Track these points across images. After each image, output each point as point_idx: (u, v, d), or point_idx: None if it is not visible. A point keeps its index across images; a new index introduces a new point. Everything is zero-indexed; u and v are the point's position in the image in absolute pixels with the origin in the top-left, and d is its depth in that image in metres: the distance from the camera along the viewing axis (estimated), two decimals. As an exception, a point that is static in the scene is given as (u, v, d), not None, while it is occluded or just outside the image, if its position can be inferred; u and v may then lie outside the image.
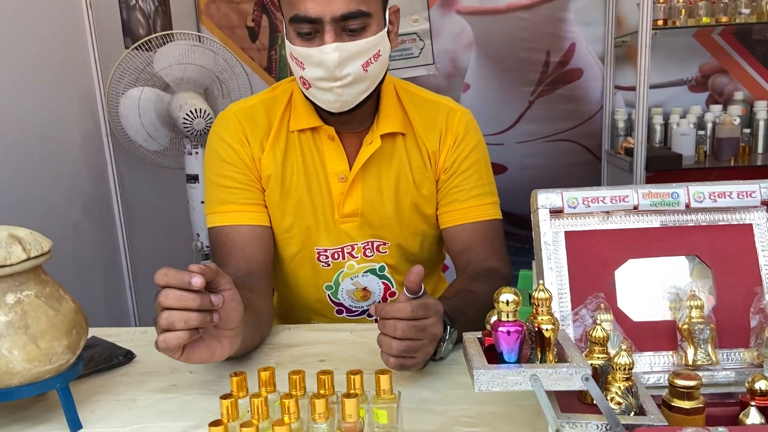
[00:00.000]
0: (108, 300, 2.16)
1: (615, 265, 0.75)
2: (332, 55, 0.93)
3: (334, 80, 0.95)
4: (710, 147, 2.66)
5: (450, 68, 2.93)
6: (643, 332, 0.73)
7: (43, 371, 0.71)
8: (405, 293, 0.76)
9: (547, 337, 0.61)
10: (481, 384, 0.57)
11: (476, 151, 1.11)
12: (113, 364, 0.90)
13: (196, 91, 2.15)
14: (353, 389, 0.64)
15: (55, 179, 1.89)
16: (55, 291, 0.74)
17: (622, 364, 0.59)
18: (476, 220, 1.09)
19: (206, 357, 0.73)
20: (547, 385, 0.57)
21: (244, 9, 2.96)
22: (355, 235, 1.10)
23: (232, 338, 0.76)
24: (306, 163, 1.08)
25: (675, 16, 2.49)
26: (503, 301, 0.59)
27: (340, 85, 0.96)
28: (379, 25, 0.97)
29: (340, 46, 0.93)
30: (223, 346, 0.75)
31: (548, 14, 2.82)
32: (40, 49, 1.84)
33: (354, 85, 0.97)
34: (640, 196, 0.74)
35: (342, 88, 0.96)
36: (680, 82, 2.86)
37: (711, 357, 0.70)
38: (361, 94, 0.99)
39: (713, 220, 0.76)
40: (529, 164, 2.99)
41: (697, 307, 0.71)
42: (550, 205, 0.74)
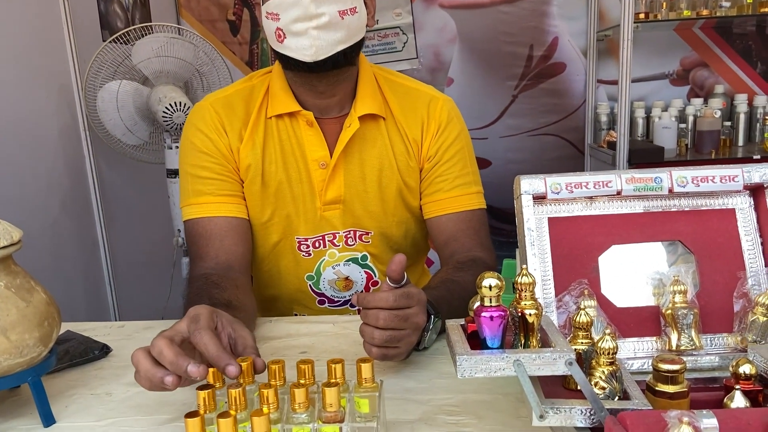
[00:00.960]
0: (88, 296, 2.12)
1: (599, 251, 0.74)
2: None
3: (309, 18, 0.92)
4: (691, 140, 2.68)
5: (433, 62, 2.92)
6: (626, 318, 0.73)
7: (13, 364, 0.68)
8: (387, 282, 0.75)
9: (531, 322, 0.60)
10: (464, 370, 0.56)
11: (460, 139, 1.10)
12: (89, 358, 0.88)
13: (176, 85, 2.12)
14: (334, 378, 0.63)
15: (31, 174, 1.85)
16: (26, 282, 0.72)
17: (606, 349, 0.59)
18: (461, 210, 1.07)
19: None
20: (531, 371, 0.56)
21: (225, 2, 2.92)
22: (336, 223, 1.08)
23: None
24: (284, 150, 1.06)
25: (656, 9, 2.50)
26: (486, 286, 0.58)
27: (315, 25, 0.92)
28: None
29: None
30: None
31: (531, 8, 2.83)
32: (15, 41, 1.80)
33: (330, 30, 0.93)
34: (623, 181, 0.73)
35: (317, 29, 0.93)
36: (662, 75, 2.88)
37: (695, 342, 0.70)
38: (337, 44, 0.95)
39: (696, 205, 0.75)
40: (513, 158, 2.99)
41: (680, 292, 0.71)
42: (533, 191, 0.73)
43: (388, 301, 0.72)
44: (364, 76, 1.07)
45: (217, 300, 0.85)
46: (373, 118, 1.06)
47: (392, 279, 0.74)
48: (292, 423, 0.59)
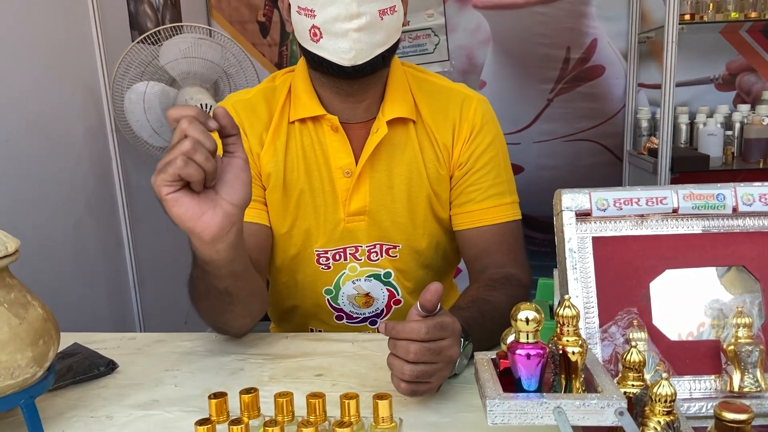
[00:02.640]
0: (111, 297, 2.09)
1: (650, 276, 0.66)
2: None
3: (350, 19, 0.86)
4: (738, 148, 2.55)
5: (465, 65, 2.85)
6: (682, 353, 0.64)
7: (4, 386, 0.63)
8: (418, 309, 0.68)
9: (574, 361, 0.52)
10: (496, 416, 0.49)
11: (494, 144, 1.02)
12: (93, 375, 0.83)
13: (203, 86, 2.09)
14: (347, 416, 0.56)
15: (56, 175, 1.83)
16: (21, 296, 0.67)
17: (663, 395, 0.51)
18: (493, 223, 1.00)
19: (192, 213, 0.68)
20: (574, 420, 0.48)
21: (255, 4, 2.90)
22: (361, 236, 1.01)
23: (226, 216, 0.70)
24: (307, 157, 0.99)
25: (702, 10, 2.38)
26: (522, 319, 0.51)
27: (356, 26, 0.86)
28: None
29: None
30: (214, 213, 0.69)
31: (569, 9, 2.73)
32: (43, 40, 1.79)
33: (370, 31, 0.87)
34: (681, 198, 0.65)
35: (358, 32, 0.86)
36: (706, 80, 2.75)
37: (760, 383, 0.61)
38: (376, 47, 0.89)
39: (763, 227, 0.66)
40: (546, 164, 2.89)
41: (744, 325, 0.62)
42: (576, 207, 0.65)
43: (420, 333, 0.65)
44: (394, 77, 1.00)
45: (214, 287, 0.80)
46: (402, 122, 0.99)
47: (424, 308, 0.67)
48: (299, 466, 0.53)
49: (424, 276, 1.06)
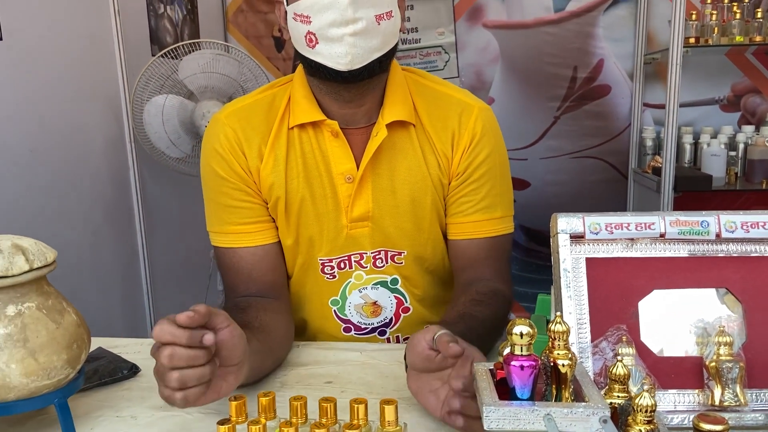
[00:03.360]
0: (124, 303, 2.16)
1: (639, 295, 0.71)
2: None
3: (346, 24, 0.86)
4: (741, 169, 2.58)
5: (475, 82, 2.90)
6: (667, 368, 0.69)
7: (41, 386, 0.69)
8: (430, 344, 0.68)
9: (564, 373, 0.57)
10: (491, 422, 0.54)
11: (493, 156, 1.00)
12: (117, 378, 0.88)
13: (220, 100, 2.15)
14: (356, 419, 0.61)
15: (76, 184, 1.90)
16: (57, 303, 0.72)
17: (644, 406, 0.55)
18: (483, 237, 1.01)
19: (213, 398, 0.69)
20: (562, 426, 0.53)
21: (271, 19, 2.97)
22: (365, 242, 1.01)
23: (236, 372, 0.72)
24: (307, 163, 0.99)
25: (707, 34, 2.43)
26: (517, 334, 0.56)
27: (352, 31, 0.86)
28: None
29: None
30: (228, 383, 0.71)
31: (576, 29, 2.78)
32: (67, 54, 1.86)
33: (366, 36, 0.87)
34: (668, 224, 0.70)
35: (354, 36, 0.86)
36: (711, 101, 2.79)
37: (739, 398, 0.66)
38: (373, 52, 0.89)
39: (746, 251, 0.71)
40: (553, 180, 2.94)
41: (725, 343, 0.67)
42: (571, 230, 0.71)
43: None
44: (393, 81, 0.99)
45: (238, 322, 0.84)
46: (402, 125, 0.98)
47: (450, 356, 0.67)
48: (311, 464, 0.58)
49: (430, 282, 1.07)
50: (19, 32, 1.64)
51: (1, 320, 0.67)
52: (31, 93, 1.71)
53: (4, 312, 0.68)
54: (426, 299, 1.08)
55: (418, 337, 0.70)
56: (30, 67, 1.70)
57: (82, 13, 1.94)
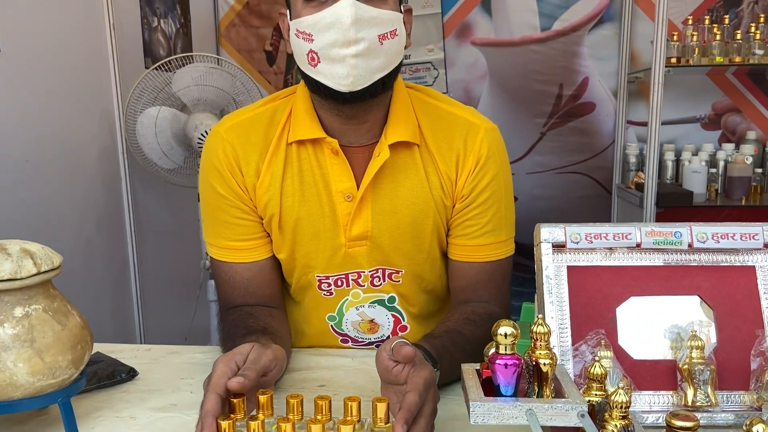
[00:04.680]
0: (115, 312, 2.17)
1: (617, 301, 0.75)
2: (348, 11, 0.84)
3: (348, 44, 0.85)
4: (722, 185, 2.66)
5: (463, 98, 2.96)
6: (643, 371, 0.73)
7: (46, 385, 0.72)
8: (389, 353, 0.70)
9: (545, 371, 0.61)
10: (477, 416, 0.57)
11: (498, 178, 0.99)
12: (115, 381, 0.91)
13: (212, 112, 2.19)
14: (350, 416, 0.65)
15: (70, 193, 1.92)
16: (62, 306, 0.75)
17: (620, 402, 0.59)
18: (485, 261, 1.00)
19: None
20: (543, 420, 0.57)
21: (263, 33, 3.02)
22: (362, 261, 1.00)
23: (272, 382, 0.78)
24: (304, 181, 0.98)
25: (689, 54, 2.51)
26: (501, 334, 0.60)
27: (354, 52, 0.86)
28: (396, 5, 0.91)
29: (356, 4, 0.85)
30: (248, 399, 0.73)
31: (562, 48, 2.86)
32: (63, 66, 1.89)
33: (369, 57, 0.87)
34: (643, 234, 0.74)
35: (356, 57, 0.86)
36: (693, 119, 2.87)
37: (710, 398, 0.70)
38: (375, 72, 0.88)
39: (716, 261, 0.76)
40: (539, 195, 3.00)
41: (697, 347, 0.71)
42: (553, 240, 0.75)
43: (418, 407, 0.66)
44: (398, 99, 0.98)
45: (253, 328, 0.87)
46: (406, 145, 0.97)
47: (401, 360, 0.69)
48: (307, 458, 0.61)
49: (427, 300, 1.07)
50: (16, 45, 1.67)
51: (9, 321, 0.70)
52: (27, 104, 1.73)
53: (12, 313, 0.70)
54: (422, 317, 1.09)
55: (379, 349, 0.72)
56: (26, 79, 1.73)
57: (78, 27, 1.97)
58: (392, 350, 0.69)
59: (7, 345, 0.69)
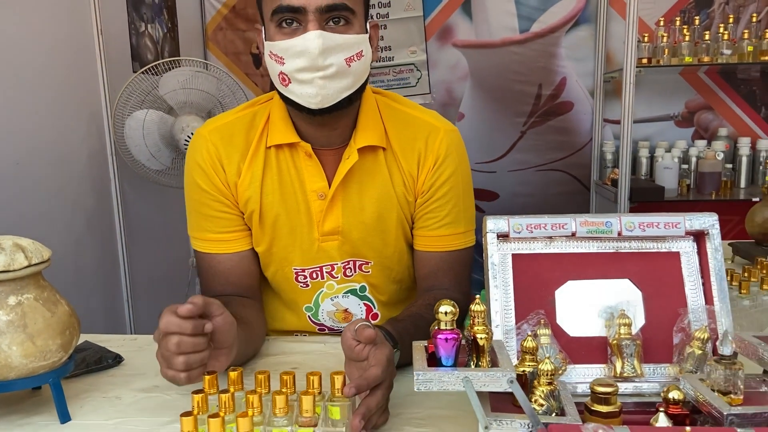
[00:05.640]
0: (106, 310, 2.24)
1: (556, 285, 0.83)
2: (315, 42, 0.91)
3: (316, 70, 0.93)
4: (693, 180, 2.75)
5: (446, 98, 3.05)
6: (578, 346, 0.81)
7: (37, 366, 0.79)
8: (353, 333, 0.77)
9: (481, 345, 0.69)
10: (420, 383, 0.65)
11: (455, 175, 1.08)
12: (102, 366, 0.98)
13: (199, 115, 2.26)
14: (312, 388, 0.72)
15: (60, 194, 1.99)
16: (52, 295, 0.83)
17: (546, 371, 0.67)
18: (445, 250, 1.09)
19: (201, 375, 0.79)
20: (477, 386, 0.65)
21: (249, 37, 3.09)
22: (334, 254, 1.09)
23: (227, 354, 0.83)
24: (283, 180, 1.06)
25: (659, 55, 2.60)
26: (442, 312, 0.68)
27: (322, 75, 0.93)
28: (362, 27, 0.97)
29: (323, 34, 0.92)
30: (220, 362, 0.82)
31: (540, 49, 2.94)
32: (52, 71, 1.96)
33: (336, 79, 0.94)
34: (578, 224, 0.82)
35: (324, 79, 0.93)
36: (667, 117, 2.96)
37: (636, 369, 0.78)
38: (343, 91, 0.96)
39: (645, 248, 0.84)
40: (520, 192, 3.08)
41: (625, 324, 0.79)
42: (498, 230, 0.83)
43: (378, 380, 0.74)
44: (365, 107, 1.06)
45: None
46: (372, 149, 1.06)
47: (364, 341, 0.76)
48: (272, 426, 0.69)
49: (396, 290, 1.16)
50: (6, 50, 1.74)
51: (4, 309, 0.77)
52: (17, 108, 1.80)
53: (6, 302, 0.78)
54: (391, 305, 1.18)
55: (345, 329, 0.79)
56: (16, 83, 1.79)
57: (66, 32, 2.04)
58: (356, 331, 0.77)
59: (2, 330, 0.76)
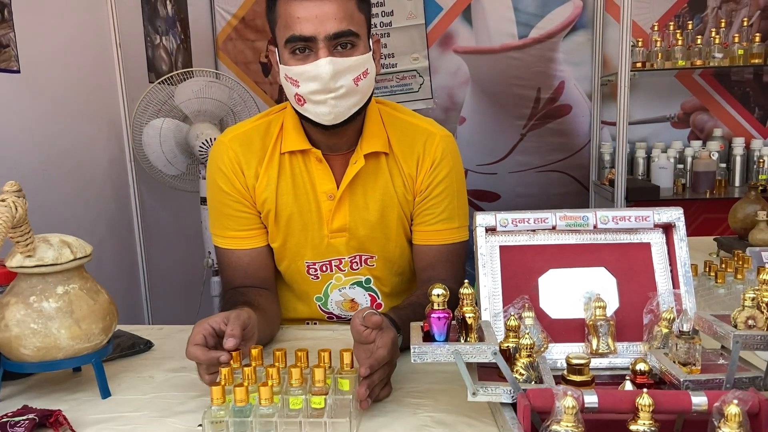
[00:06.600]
0: (126, 308, 2.35)
1: (539, 273, 0.93)
2: (326, 68, 1.02)
3: (328, 92, 1.04)
4: (689, 180, 2.84)
5: (447, 102, 3.15)
6: (559, 327, 0.91)
7: (82, 348, 0.90)
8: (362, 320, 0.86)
9: (470, 323, 0.79)
10: (416, 356, 0.75)
11: (450, 176, 1.19)
12: (135, 351, 1.09)
13: (212, 122, 2.37)
14: (323, 363, 0.83)
15: (82, 200, 2.10)
16: (93, 286, 0.94)
17: (525, 345, 0.78)
18: (441, 243, 1.20)
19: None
20: (466, 358, 0.75)
21: (258, 47, 3.21)
22: (342, 249, 1.21)
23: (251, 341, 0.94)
24: (296, 183, 1.17)
25: (653, 58, 2.69)
26: (435, 294, 0.78)
27: (333, 96, 1.04)
28: (366, 47, 1.08)
29: (333, 60, 1.03)
30: (246, 348, 0.92)
31: (539, 54, 3.05)
32: (74, 83, 2.08)
33: (347, 98, 1.05)
34: (558, 218, 0.93)
35: (335, 99, 1.04)
36: (663, 118, 3.05)
37: (610, 347, 0.88)
38: (352, 107, 1.08)
39: (619, 239, 0.94)
40: (521, 193, 3.18)
41: (600, 307, 0.89)
42: (486, 224, 0.93)
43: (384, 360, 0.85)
44: (370, 116, 1.17)
45: (240, 301, 1.06)
46: (376, 155, 1.17)
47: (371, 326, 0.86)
48: (289, 394, 0.79)
49: (397, 282, 1.28)
50: (34, 65, 1.86)
51: (53, 297, 0.88)
52: (44, 118, 1.92)
53: (55, 291, 0.89)
54: (394, 295, 1.29)
55: (354, 316, 0.88)
56: (43, 95, 1.91)
57: (87, 46, 2.16)
58: (364, 318, 0.88)
59: (51, 315, 0.87)
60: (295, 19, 1.03)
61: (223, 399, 0.77)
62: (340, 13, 1.03)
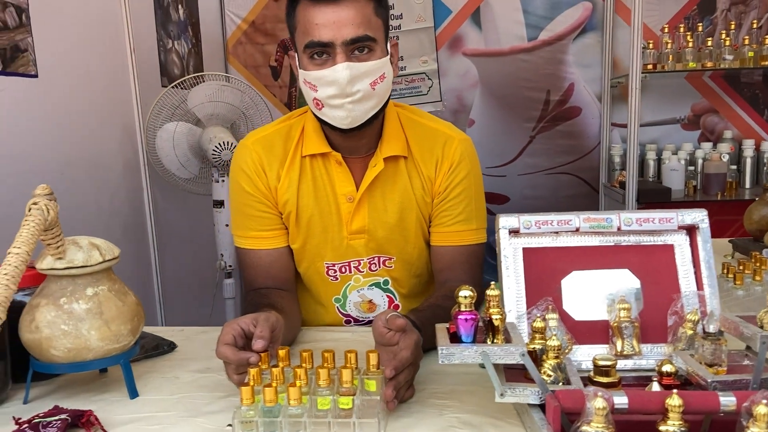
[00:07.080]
0: (139, 313, 2.37)
1: (562, 275, 0.94)
2: (344, 73, 1.04)
3: (345, 96, 1.05)
4: (700, 182, 2.83)
5: (456, 105, 3.16)
6: (582, 329, 0.92)
7: (111, 348, 0.91)
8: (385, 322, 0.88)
9: (496, 325, 0.80)
10: (443, 357, 0.76)
11: (468, 178, 1.21)
12: (160, 352, 1.10)
13: (224, 126, 2.39)
14: (350, 363, 0.84)
15: (97, 202, 2.12)
16: (122, 287, 0.95)
17: (553, 346, 0.78)
18: (458, 244, 1.21)
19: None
20: (494, 359, 0.76)
21: (268, 50, 3.23)
22: (361, 251, 1.22)
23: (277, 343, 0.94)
24: (317, 185, 1.19)
25: (664, 60, 2.69)
26: (462, 296, 0.79)
27: (350, 101, 1.06)
28: (383, 51, 1.09)
29: (350, 65, 1.04)
30: (273, 349, 0.92)
31: (548, 56, 3.05)
32: (90, 87, 2.09)
33: (363, 102, 1.07)
34: (581, 220, 0.93)
35: (353, 104, 1.06)
36: (673, 120, 3.05)
37: (635, 348, 0.89)
38: (369, 111, 1.09)
39: (642, 241, 0.94)
40: (530, 195, 3.18)
41: (624, 309, 0.89)
42: (509, 227, 0.94)
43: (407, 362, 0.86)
44: (389, 119, 1.19)
45: (263, 303, 1.07)
46: (395, 158, 1.19)
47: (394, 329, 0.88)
48: (317, 395, 0.80)
49: (415, 284, 1.29)
50: (51, 70, 1.87)
51: (83, 298, 0.89)
52: (61, 122, 1.93)
53: (85, 292, 0.90)
54: (411, 297, 1.30)
55: (376, 319, 0.90)
56: (59, 100, 1.93)
57: (102, 51, 2.18)
58: (387, 320, 0.89)
59: (82, 317, 0.89)
60: (314, 25, 1.05)
61: (253, 399, 0.78)
62: (357, 19, 1.05)
